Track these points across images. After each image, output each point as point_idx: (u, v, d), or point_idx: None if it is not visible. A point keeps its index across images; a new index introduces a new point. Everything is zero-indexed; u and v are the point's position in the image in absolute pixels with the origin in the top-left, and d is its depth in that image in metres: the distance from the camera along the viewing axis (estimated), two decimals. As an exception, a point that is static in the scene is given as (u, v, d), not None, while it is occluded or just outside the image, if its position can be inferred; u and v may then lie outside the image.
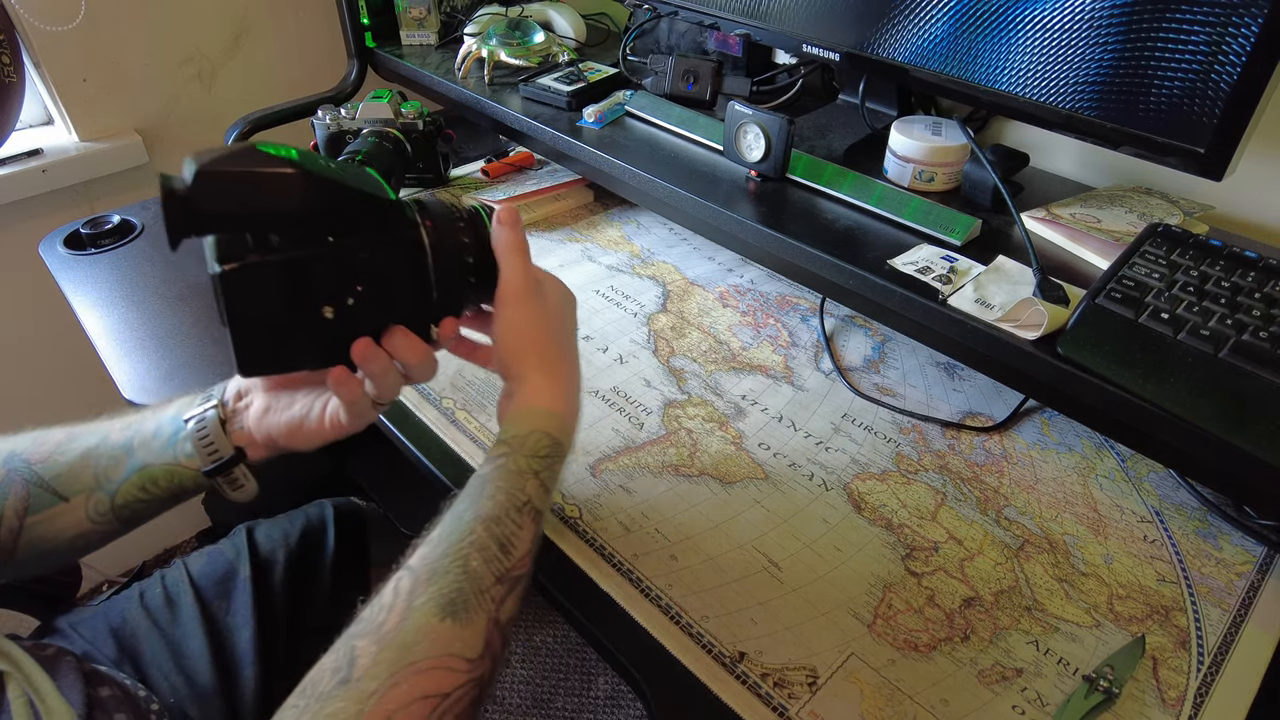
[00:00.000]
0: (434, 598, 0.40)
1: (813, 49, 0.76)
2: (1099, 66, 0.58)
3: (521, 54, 0.99)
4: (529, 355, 0.50)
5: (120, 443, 0.51)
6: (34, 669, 0.47)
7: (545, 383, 0.49)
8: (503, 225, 0.51)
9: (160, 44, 1.12)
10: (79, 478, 0.51)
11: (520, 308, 0.50)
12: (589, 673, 1.24)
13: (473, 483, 0.46)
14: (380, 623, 0.39)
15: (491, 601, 0.41)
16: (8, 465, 0.50)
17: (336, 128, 0.94)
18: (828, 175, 0.72)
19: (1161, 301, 0.53)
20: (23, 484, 0.50)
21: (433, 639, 0.38)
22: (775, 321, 0.81)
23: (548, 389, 0.49)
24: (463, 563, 0.41)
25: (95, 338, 0.77)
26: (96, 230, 0.91)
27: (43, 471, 0.50)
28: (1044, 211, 0.68)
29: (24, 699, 0.44)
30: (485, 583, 0.41)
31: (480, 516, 0.43)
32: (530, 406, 0.49)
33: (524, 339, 0.50)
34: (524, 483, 0.45)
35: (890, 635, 0.52)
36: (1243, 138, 0.53)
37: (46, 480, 0.50)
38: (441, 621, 0.39)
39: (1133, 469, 0.64)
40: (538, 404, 0.49)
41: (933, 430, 0.68)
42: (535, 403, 0.49)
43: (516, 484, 0.45)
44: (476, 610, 0.40)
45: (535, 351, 0.50)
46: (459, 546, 0.42)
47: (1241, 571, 0.56)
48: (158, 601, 0.67)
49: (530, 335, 0.50)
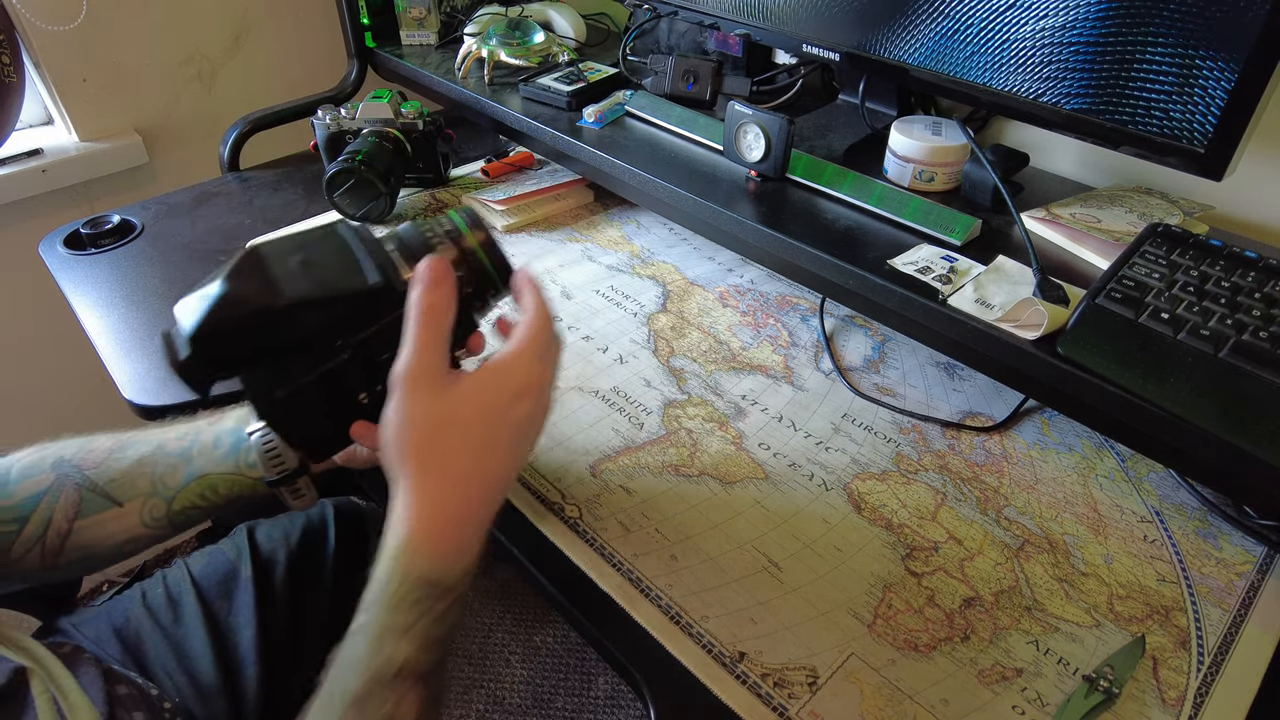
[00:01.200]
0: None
1: (813, 49, 0.76)
2: (1099, 66, 0.58)
3: (521, 54, 0.99)
4: (405, 461, 0.40)
5: (177, 451, 0.52)
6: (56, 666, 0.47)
7: (421, 501, 0.40)
8: (417, 283, 0.41)
9: (160, 44, 1.12)
10: (135, 483, 0.51)
11: (411, 396, 0.40)
12: (589, 673, 1.24)
13: (346, 645, 0.39)
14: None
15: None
16: (57, 470, 0.51)
17: (336, 128, 0.94)
18: (828, 175, 0.72)
19: (1161, 301, 0.53)
20: (74, 488, 0.50)
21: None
22: (775, 321, 0.81)
23: (422, 509, 0.40)
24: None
25: (95, 338, 0.77)
26: (96, 230, 0.91)
27: (96, 476, 0.51)
28: (1044, 211, 0.68)
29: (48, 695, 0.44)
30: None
31: (349, 697, 0.37)
32: (395, 535, 0.40)
33: (402, 438, 0.40)
34: (394, 648, 0.38)
35: (890, 635, 0.52)
36: (1243, 138, 0.53)
37: (100, 485, 0.51)
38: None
39: (1133, 469, 0.64)
40: (404, 530, 0.39)
41: (933, 430, 0.68)
42: (402, 529, 0.40)
43: (385, 650, 0.38)
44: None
45: (415, 457, 0.40)
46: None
47: (1241, 571, 0.56)
48: (160, 601, 0.67)
49: (415, 435, 0.40)
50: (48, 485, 0.50)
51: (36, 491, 0.50)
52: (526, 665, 1.24)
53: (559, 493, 0.61)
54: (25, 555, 0.50)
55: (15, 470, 0.51)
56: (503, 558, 0.59)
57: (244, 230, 0.93)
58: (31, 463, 0.51)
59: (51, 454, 0.52)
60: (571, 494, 0.61)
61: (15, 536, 0.50)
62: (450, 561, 0.40)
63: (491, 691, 1.21)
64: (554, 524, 0.59)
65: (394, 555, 0.39)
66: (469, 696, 1.20)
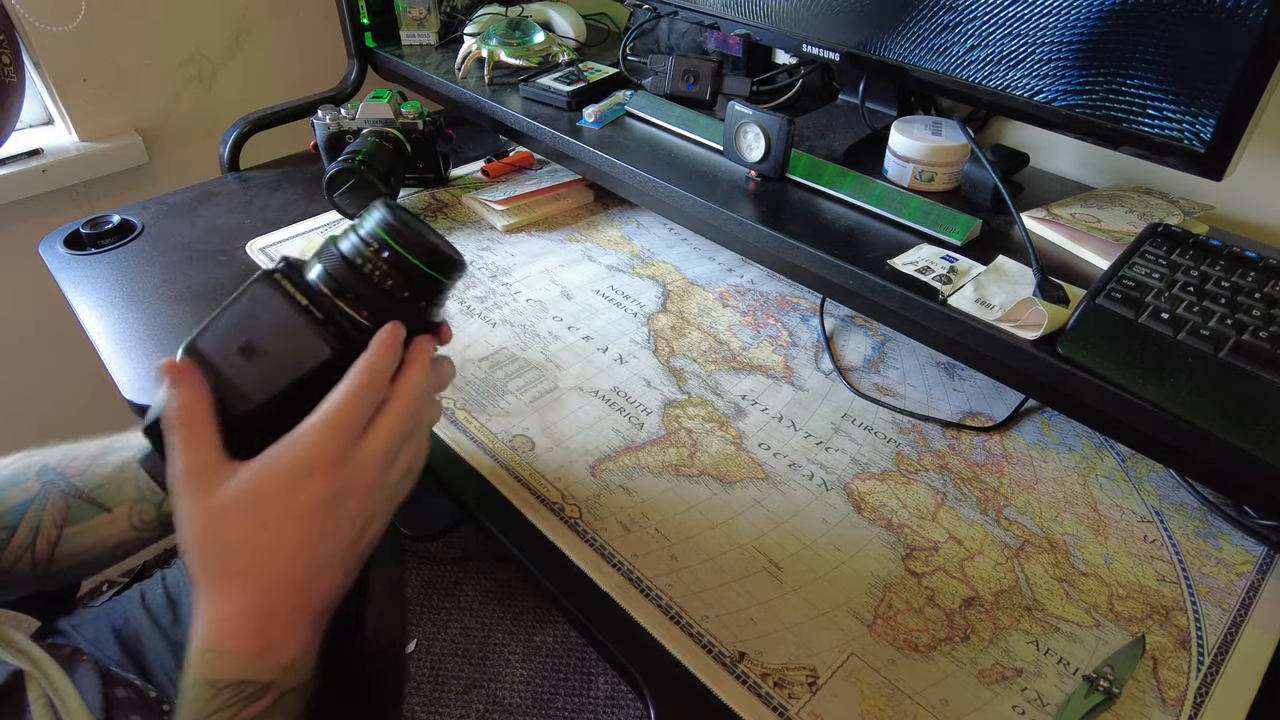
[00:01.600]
0: None
1: (813, 49, 0.76)
2: (1099, 66, 0.58)
3: (521, 54, 0.99)
4: (192, 565, 0.38)
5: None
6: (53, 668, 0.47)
7: (210, 603, 0.37)
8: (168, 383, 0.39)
9: (160, 44, 1.12)
10: (121, 489, 0.51)
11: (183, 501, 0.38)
12: (589, 673, 1.24)
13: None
14: None
15: None
16: (41, 478, 0.51)
17: (336, 128, 0.94)
18: (828, 175, 0.72)
19: (1161, 301, 0.53)
20: (60, 496, 0.50)
21: None
22: (775, 321, 0.81)
23: (211, 611, 0.37)
24: None
25: (95, 337, 0.77)
26: (96, 230, 0.91)
27: (81, 484, 0.51)
28: (1044, 211, 0.68)
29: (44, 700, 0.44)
30: None
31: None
32: (194, 643, 0.37)
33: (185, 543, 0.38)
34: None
35: (890, 635, 0.52)
36: (1243, 138, 0.53)
37: (86, 492, 0.51)
38: None
39: (1133, 469, 0.64)
40: (199, 637, 0.37)
41: (933, 430, 0.68)
42: (198, 636, 0.37)
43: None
44: None
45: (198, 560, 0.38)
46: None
47: (1242, 571, 0.56)
48: (159, 602, 0.67)
49: (194, 536, 0.38)
50: (34, 494, 0.50)
51: (23, 500, 0.50)
52: (526, 665, 1.24)
53: (559, 493, 0.61)
54: (16, 563, 0.50)
55: (1, 478, 0.51)
56: (503, 558, 0.59)
57: (244, 230, 0.93)
58: (17, 470, 0.51)
59: (36, 462, 0.52)
60: (571, 494, 0.61)
61: (5, 545, 0.50)
62: (259, 659, 0.37)
63: (491, 691, 1.21)
64: (554, 524, 0.59)
65: (193, 664, 0.37)
66: (469, 696, 1.20)
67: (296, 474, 0.37)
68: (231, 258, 0.88)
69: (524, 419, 0.68)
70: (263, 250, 0.89)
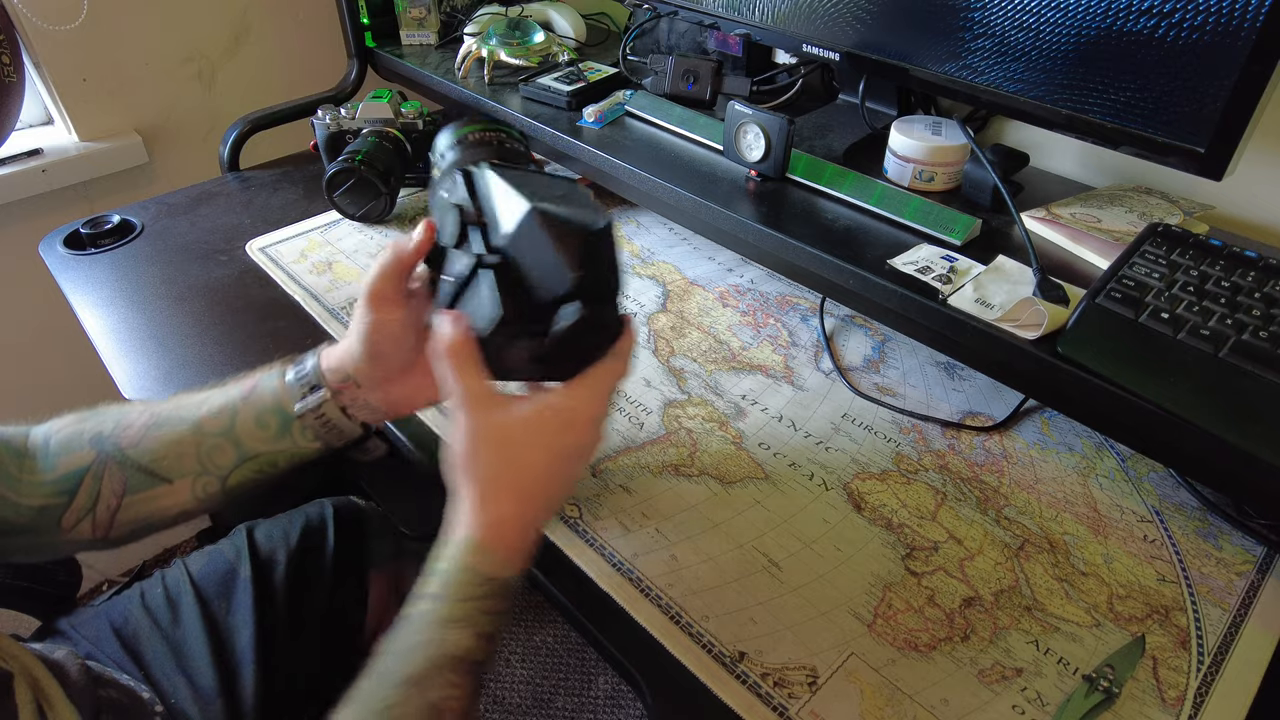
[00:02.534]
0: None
1: (812, 49, 0.76)
2: (1099, 65, 0.58)
3: (521, 54, 0.99)
4: (472, 471, 0.45)
5: (219, 431, 0.52)
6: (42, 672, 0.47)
7: (486, 507, 0.44)
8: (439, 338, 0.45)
9: (160, 44, 1.12)
10: (181, 462, 0.51)
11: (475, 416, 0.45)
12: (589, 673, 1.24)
13: (403, 629, 0.42)
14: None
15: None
16: (96, 447, 0.51)
17: (336, 127, 0.94)
18: (828, 175, 0.72)
19: (1161, 301, 0.53)
20: (118, 467, 0.50)
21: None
22: (775, 321, 0.81)
23: (487, 514, 0.44)
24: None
25: (95, 337, 0.77)
26: (96, 230, 0.91)
27: (136, 456, 0.51)
28: (1044, 211, 0.68)
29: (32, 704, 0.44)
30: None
31: (410, 677, 0.39)
32: (462, 536, 0.44)
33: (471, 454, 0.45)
34: (457, 636, 0.41)
35: (890, 635, 0.52)
36: (1243, 137, 0.53)
37: (144, 464, 0.51)
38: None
39: (1133, 469, 0.64)
40: (471, 532, 0.44)
41: (933, 430, 0.68)
42: (469, 531, 0.44)
43: (448, 638, 0.41)
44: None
45: (482, 470, 0.45)
46: (388, 713, 0.38)
47: (1242, 571, 0.56)
48: (158, 602, 0.67)
49: (483, 451, 0.45)
50: (89, 462, 0.50)
51: (79, 467, 0.50)
52: (526, 665, 1.24)
53: (559, 492, 0.61)
54: (77, 525, 0.50)
55: (54, 442, 0.51)
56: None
57: (244, 230, 0.93)
58: (70, 435, 0.51)
59: (89, 429, 0.51)
60: (571, 494, 0.61)
61: (65, 509, 0.50)
62: (508, 563, 0.44)
63: (491, 691, 1.21)
64: (554, 524, 0.59)
65: (461, 552, 0.43)
66: (469, 697, 1.20)
67: (570, 421, 0.45)
68: (231, 257, 0.88)
69: (524, 419, 0.68)
70: (262, 250, 0.89)
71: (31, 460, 0.50)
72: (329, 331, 0.77)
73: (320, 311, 0.80)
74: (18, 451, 0.50)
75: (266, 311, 0.80)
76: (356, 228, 0.94)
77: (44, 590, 0.71)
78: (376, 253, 0.89)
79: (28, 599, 0.70)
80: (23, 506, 0.49)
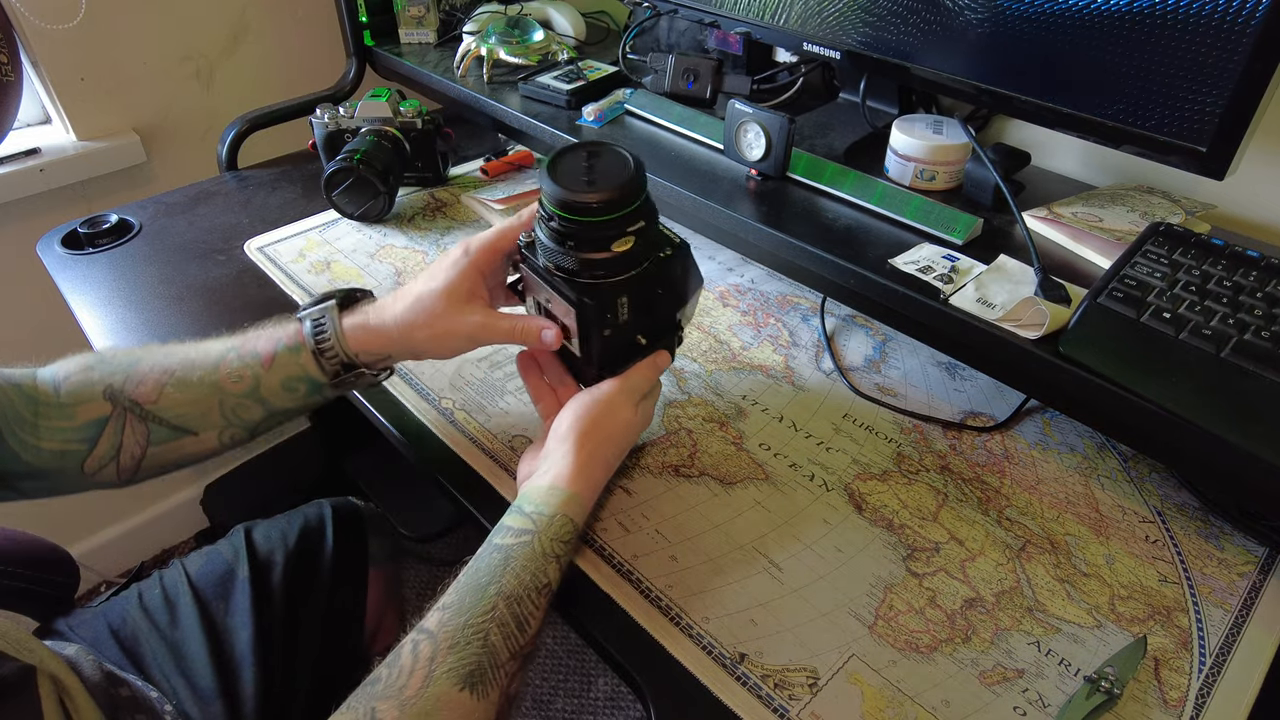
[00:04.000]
0: (454, 668, 0.41)
1: (813, 47, 0.76)
2: (1100, 65, 0.57)
3: (521, 52, 0.99)
4: (586, 439, 0.53)
5: (243, 394, 0.54)
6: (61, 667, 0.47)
7: (584, 469, 0.52)
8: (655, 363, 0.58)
9: (158, 43, 1.12)
10: (206, 417, 0.54)
11: (613, 399, 0.55)
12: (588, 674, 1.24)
13: (494, 554, 0.47)
14: (401, 686, 0.40)
15: (506, 676, 0.43)
16: (111, 400, 0.52)
17: (335, 126, 0.94)
18: (829, 174, 0.72)
19: (1163, 301, 0.53)
20: (139, 420, 0.52)
21: (452, 708, 0.40)
22: (776, 321, 0.80)
23: (584, 475, 0.52)
24: (483, 636, 0.43)
25: (93, 337, 0.77)
26: (94, 230, 0.91)
27: (159, 411, 0.52)
28: (1045, 210, 0.68)
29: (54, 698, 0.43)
30: (502, 657, 0.43)
31: (503, 593, 0.45)
32: (563, 487, 0.51)
33: (592, 422, 0.54)
34: (547, 566, 0.47)
35: (891, 636, 0.52)
36: (1244, 137, 0.53)
37: (168, 419, 0.52)
38: (461, 692, 0.41)
39: (1134, 469, 0.64)
40: (571, 486, 0.51)
41: (934, 430, 0.67)
42: (569, 485, 0.51)
43: (540, 566, 0.47)
44: (493, 684, 0.42)
45: (592, 439, 0.53)
46: (481, 619, 0.44)
47: (1243, 572, 0.56)
48: (157, 603, 0.67)
49: (597, 424, 0.54)
50: (108, 414, 0.51)
51: (98, 418, 0.51)
52: (526, 665, 1.24)
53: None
54: (100, 471, 0.52)
55: (64, 389, 0.52)
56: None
57: (242, 229, 0.93)
58: (80, 383, 0.52)
59: (98, 379, 0.52)
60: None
61: (86, 455, 0.51)
62: (587, 515, 0.52)
63: (491, 692, 1.20)
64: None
65: (561, 500, 0.50)
66: (468, 697, 1.20)
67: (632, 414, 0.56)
68: (229, 257, 0.88)
69: (523, 420, 0.67)
70: (260, 249, 0.89)
71: (46, 406, 0.51)
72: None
73: (319, 311, 0.80)
74: (29, 396, 0.51)
75: (265, 311, 0.79)
76: (355, 227, 0.93)
77: (42, 591, 0.70)
78: (375, 252, 0.89)
79: (26, 599, 0.70)
80: (43, 450, 0.50)
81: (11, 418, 0.49)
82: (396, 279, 0.84)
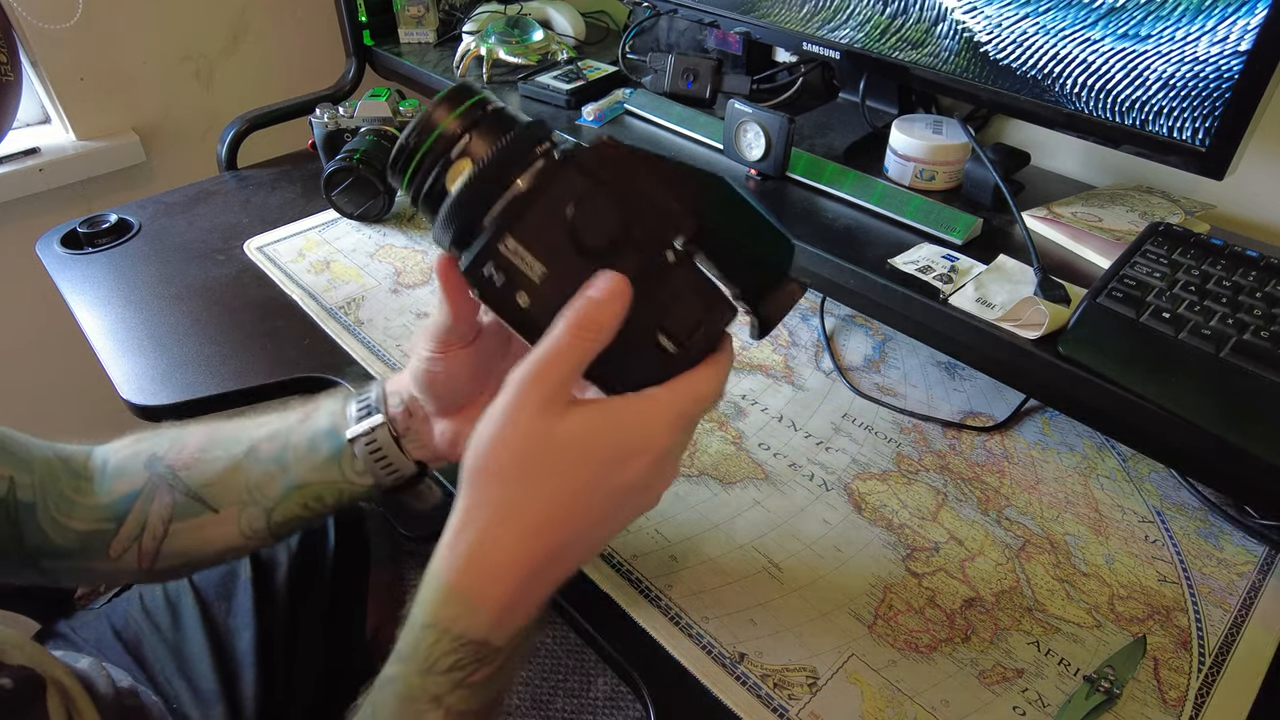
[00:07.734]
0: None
1: (813, 47, 0.76)
2: (1100, 65, 0.57)
3: (520, 52, 0.99)
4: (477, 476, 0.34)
5: (271, 456, 0.49)
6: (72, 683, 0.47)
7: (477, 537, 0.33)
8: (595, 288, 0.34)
9: (158, 43, 1.12)
10: (230, 489, 0.48)
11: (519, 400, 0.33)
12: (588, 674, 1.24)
13: (374, 691, 0.35)
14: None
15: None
16: (150, 469, 0.49)
17: (334, 126, 0.93)
18: (828, 174, 0.72)
19: (1163, 301, 0.53)
20: (168, 490, 0.48)
21: None
22: (775, 321, 0.80)
23: (474, 548, 0.33)
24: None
25: (92, 337, 0.77)
26: (94, 229, 0.91)
27: (188, 479, 0.48)
28: (1045, 210, 0.68)
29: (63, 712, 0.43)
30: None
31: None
32: (437, 579, 0.33)
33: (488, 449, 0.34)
34: (424, 715, 0.33)
35: (891, 636, 0.52)
36: (1244, 137, 0.53)
37: (194, 489, 0.48)
38: None
39: (1134, 469, 0.64)
40: (449, 575, 0.33)
41: (933, 430, 0.68)
42: (447, 572, 0.33)
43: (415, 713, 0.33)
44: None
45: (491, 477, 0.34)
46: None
47: (1243, 571, 0.56)
48: (158, 604, 0.67)
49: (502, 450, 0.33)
50: (141, 486, 0.49)
51: (130, 492, 0.48)
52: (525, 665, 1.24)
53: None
54: (123, 555, 0.48)
55: (111, 465, 0.49)
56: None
57: (241, 229, 0.93)
58: (126, 458, 0.50)
59: (146, 450, 0.50)
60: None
61: (113, 535, 0.48)
62: (506, 621, 0.33)
63: (491, 691, 1.20)
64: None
65: (432, 604, 0.33)
66: (468, 696, 1.20)
67: (634, 448, 0.34)
68: (229, 257, 0.88)
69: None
70: (260, 249, 0.89)
71: (88, 483, 0.48)
72: (327, 331, 0.77)
73: (318, 311, 0.80)
74: (76, 473, 0.49)
75: (264, 311, 0.80)
76: (355, 227, 0.93)
77: (42, 592, 0.71)
78: (375, 252, 0.89)
79: (26, 600, 0.70)
80: (69, 531, 0.47)
81: (51, 494, 0.47)
82: (396, 279, 0.84)
